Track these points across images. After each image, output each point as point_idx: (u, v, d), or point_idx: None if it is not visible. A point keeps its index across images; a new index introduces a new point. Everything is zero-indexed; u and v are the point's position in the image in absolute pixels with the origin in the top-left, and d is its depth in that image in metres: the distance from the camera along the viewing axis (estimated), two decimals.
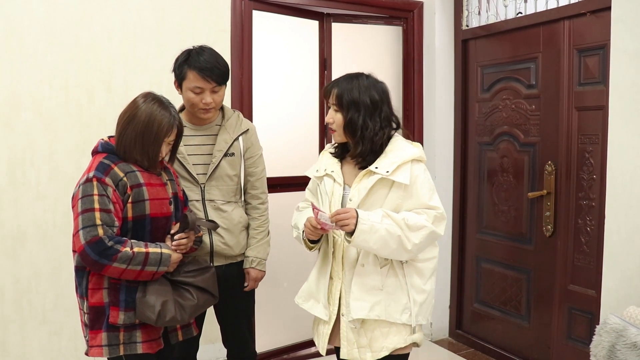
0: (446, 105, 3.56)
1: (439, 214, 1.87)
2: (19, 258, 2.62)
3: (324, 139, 3.47)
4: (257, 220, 2.38)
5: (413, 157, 1.88)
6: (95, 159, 1.90)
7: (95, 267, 1.77)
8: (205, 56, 2.15)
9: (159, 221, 1.90)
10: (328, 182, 1.97)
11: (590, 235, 2.79)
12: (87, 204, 1.78)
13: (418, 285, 1.90)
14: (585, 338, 2.83)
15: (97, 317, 1.84)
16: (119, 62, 2.77)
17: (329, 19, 3.40)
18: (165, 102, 1.92)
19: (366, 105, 1.88)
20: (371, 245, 1.78)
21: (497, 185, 3.33)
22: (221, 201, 2.27)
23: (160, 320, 1.83)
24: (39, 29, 2.59)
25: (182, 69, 2.15)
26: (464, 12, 3.48)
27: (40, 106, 2.62)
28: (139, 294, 1.84)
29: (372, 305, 1.85)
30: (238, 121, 2.34)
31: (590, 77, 2.76)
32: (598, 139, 2.73)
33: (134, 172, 1.87)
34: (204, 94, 2.15)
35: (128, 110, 1.91)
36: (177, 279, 1.93)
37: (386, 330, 1.87)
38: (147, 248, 1.83)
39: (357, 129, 1.88)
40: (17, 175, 2.59)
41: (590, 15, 2.71)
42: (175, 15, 2.88)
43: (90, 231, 1.75)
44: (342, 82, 1.93)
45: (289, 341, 3.44)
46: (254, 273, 2.34)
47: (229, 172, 2.28)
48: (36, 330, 2.67)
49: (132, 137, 1.86)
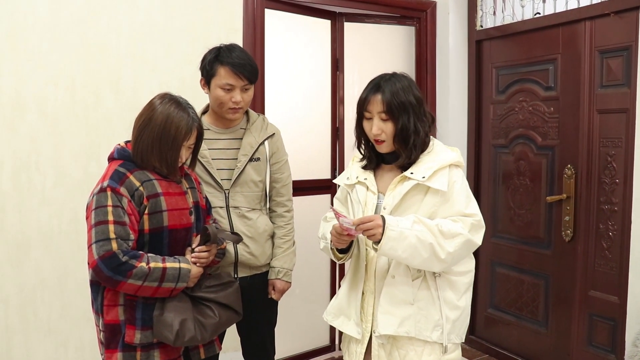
0: (460, 107, 3.49)
1: (476, 222, 1.74)
2: (23, 266, 2.51)
3: (335, 142, 3.38)
4: (283, 228, 2.29)
5: (451, 162, 1.76)
6: (111, 166, 1.79)
7: (109, 283, 1.67)
8: (237, 52, 2.06)
9: (178, 233, 1.79)
10: (361, 190, 1.84)
11: (612, 240, 2.73)
12: (100, 215, 1.67)
13: (451, 301, 1.76)
14: (607, 345, 2.78)
15: (113, 335, 1.74)
16: (127, 62, 2.66)
17: (341, 18, 3.32)
18: (183, 102, 1.81)
19: (413, 106, 1.74)
20: (400, 253, 1.64)
21: (512, 188, 3.27)
22: (246, 208, 2.17)
23: (178, 340, 1.72)
24: (43, 28, 2.47)
25: (212, 65, 2.06)
26: (478, 12, 3.41)
27: (45, 108, 2.50)
28: (157, 312, 1.73)
29: (402, 320, 1.72)
30: (263, 125, 2.24)
31: (613, 79, 2.70)
32: (621, 142, 2.67)
33: (150, 181, 1.76)
34: (234, 91, 2.06)
35: (144, 113, 1.79)
36: (198, 294, 1.82)
37: (420, 349, 1.74)
38: (165, 263, 1.72)
39: (409, 136, 1.73)
40: (21, 179, 2.48)
41: (614, 15, 2.65)
42: (185, 14, 2.78)
43: (103, 245, 1.64)
44: (384, 86, 1.74)
45: (302, 348, 3.36)
46: (280, 285, 2.25)
47: (254, 177, 2.18)
48: (41, 341, 2.56)
49: (148, 142, 1.75)
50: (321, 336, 3.47)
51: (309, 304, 3.37)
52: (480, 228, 1.76)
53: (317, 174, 3.36)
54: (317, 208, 3.34)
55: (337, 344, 3.50)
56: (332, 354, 3.48)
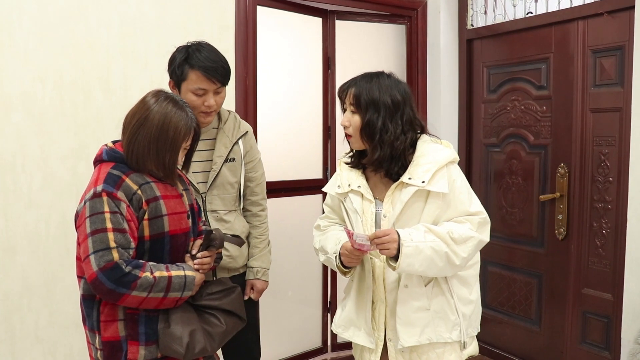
0: (451, 106, 3.49)
1: (482, 219, 1.72)
2: (8, 272, 2.39)
3: (327, 141, 3.34)
4: (258, 228, 2.24)
5: (449, 160, 1.72)
6: (101, 169, 1.63)
7: (111, 296, 1.53)
8: (207, 54, 1.96)
9: (178, 238, 1.67)
10: (355, 199, 1.77)
11: (606, 238, 2.76)
12: (97, 223, 1.52)
13: (465, 297, 1.77)
14: (600, 342, 2.80)
15: (112, 353, 1.60)
16: (118, 59, 2.56)
17: (333, 16, 3.28)
18: (179, 101, 1.68)
19: (387, 106, 1.70)
20: (417, 268, 1.62)
21: (504, 187, 3.28)
22: (223, 211, 2.12)
23: (189, 353, 1.60)
24: (30, 23, 2.36)
25: (182, 68, 1.96)
26: (469, 11, 3.41)
27: (32, 106, 2.39)
28: (162, 325, 1.61)
29: (422, 329, 1.70)
30: (236, 123, 2.16)
31: (606, 78, 2.72)
32: (615, 141, 2.70)
33: (148, 184, 1.63)
34: (207, 95, 1.98)
35: (137, 112, 1.64)
36: (201, 303, 1.71)
37: (441, 350, 1.74)
38: (169, 271, 1.60)
39: (375, 132, 1.69)
40: (7, 181, 2.36)
41: (607, 15, 2.67)
42: (177, 10, 2.70)
43: (103, 255, 1.50)
44: (360, 81, 1.75)
45: (294, 351, 3.31)
46: (260, 284, 2.21)
47: (230, 179, 2.12)
48: (29, 350, 2.45)
49: (144, 143, 1.61)
50: (313, 338, 3.42)
51: (300, 306, 3.32)
52: (487, 224, 1.75)
53: (308, 173, 3.32)
54: (308, 208, 3.31)
55: (329, 346, 3.47)
56: (324, 355, 3.44)
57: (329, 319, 3.42)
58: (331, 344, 3.47)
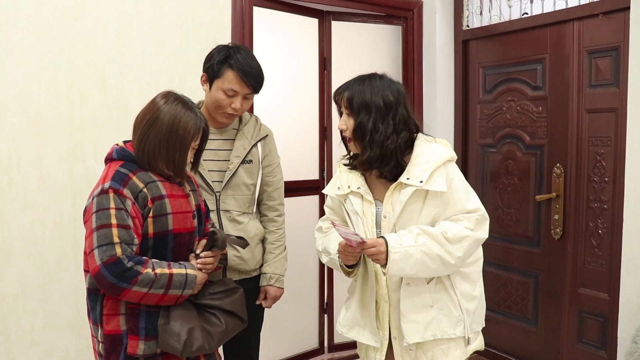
0: (446, 106, 3.50)
1: (480, 217, 1.74)
2: (4, 274, 2.37)
3: (323, 142, 3.34)
4: (274, 233, 2.23)
5: (446, 159, 1.73)
6: (110, 167, 1.69)
7: (113, 290, 1.58)
8: (248, 59, 2.00)
9: (182, 237, 1.71)
10: (355, 200, 1.79)
11: (602, 238, 2.77)
12: (102, 218, 1.58)
13: (468, 293, 1.78)
14: (597, 341, 2.82)
15: (113, 346, 1.64)
16: (114, 58, 2.55)
17: (329, 17, 3.28)
18: (188, 102, 1.74)
19: (378, 107, 1.71)
20: (408, 271, 1.65)
21: (500, 187, 3.29)
22: (237, 212, 2.12)
23: (186, 350, 1.63)
24: (25, 22, 2.34)
25: (221, 66, 1.98)
26: (465, 12, 3.42)
27: (28, 107, 2.37)
28: (161, 321, 1.65)
29: (426, 325, 1.72)
30: (256, 126, 2.18)
31: (602, 79, 2.74)
32: (611, 141, 2.71)
33: (154, 183, 1.68)
34: (236, 97, 2.00)
35: (148, 113, 1.70)
36: (202, 302, 1.75)
37: (445, 347, 1.76)
38: (171, 269, 1.64)
39: (365, 133, 1.72)
40: (2, 183, 2.34)
41: (603, 16, 2.69)
42: (174, 10, 2.68)
43: (106, 250, 1.55)
44: (353, 84, 1.77)
45: (291, 352, 3.31)
46: (273, 291, 2.20)
47: (246, 180, 2.12)
48: (25, 352, 2.43)
49: (155, 142, 1.67)
50: (310, 339, 3.42)
51: (298, 307, 3.31)
52: (485, 221, 1.76)
53: (305, 174, 3.31)
54: (305, 209, 3.30)
55: (326, 347, 3.46)
56: (321, 356, 3.43)
57: (325, 320, 3.42)
58: (328, 345, 3.46)
